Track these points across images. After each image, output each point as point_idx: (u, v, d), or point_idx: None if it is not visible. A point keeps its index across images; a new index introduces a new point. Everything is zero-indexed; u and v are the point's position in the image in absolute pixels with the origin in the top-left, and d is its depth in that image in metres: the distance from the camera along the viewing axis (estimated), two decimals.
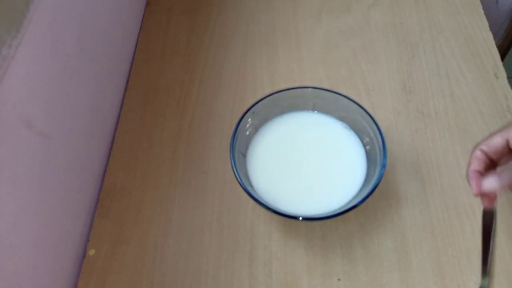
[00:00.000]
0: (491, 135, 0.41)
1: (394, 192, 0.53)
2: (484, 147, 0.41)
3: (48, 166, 0.46)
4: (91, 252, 0.51)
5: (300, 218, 0.44)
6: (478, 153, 0.41)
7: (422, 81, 0.62)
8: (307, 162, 0.51)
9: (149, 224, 0.53)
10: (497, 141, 0.40)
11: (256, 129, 0.54)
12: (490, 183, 0.39)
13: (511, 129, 0.39)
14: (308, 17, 0.71)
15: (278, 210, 0.44)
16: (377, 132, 0.48)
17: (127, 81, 0.66)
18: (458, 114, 0.58)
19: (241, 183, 0.46)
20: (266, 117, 0.54)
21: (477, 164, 0.41)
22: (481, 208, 0.50)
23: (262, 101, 0.51)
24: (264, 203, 0.45)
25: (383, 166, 0.46)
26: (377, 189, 0.45)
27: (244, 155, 0.52)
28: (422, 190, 0.53)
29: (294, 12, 0.72)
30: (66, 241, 0.49)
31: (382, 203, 0.52)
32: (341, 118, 0.54)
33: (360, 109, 0.50)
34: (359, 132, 0.52)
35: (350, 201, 0.47)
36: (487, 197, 0.42)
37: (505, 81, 0.61)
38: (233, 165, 0.47)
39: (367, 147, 0.51)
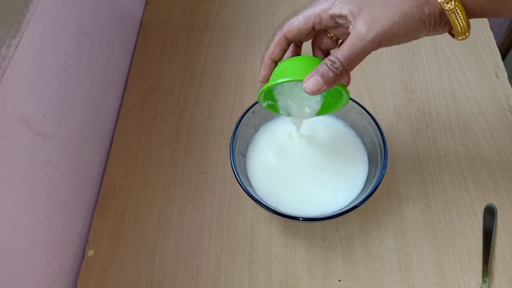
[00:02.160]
0: (295, 18, 0.38)
1: (395, 192, 0.53)
2: (286, 33, 0.38)
3: (47, 166, 0.46)
4: (90, 252, 0.51)
5: (300, 219, 0.44)
6: (277, 38, 0.39)
7: (423, 81, 0.62)
8: (307, 163, 0.51)
9: (148, 225, 0.52)
10: (303, 23, 0.37)
11: (256, 129, 0.53)
12: (311, 84, 0.35)
13: (313, 12, 0.36)
14: None
15: (278, 211, 0.44)
16: (378, 132, 0.48)
17: (126, 81, 0.66)
18: (459, 114, 0.58)
19: (241, 183, 0.46)
20: (266, 117, 0.54)
21: (275, 50, 0.39)
22: (483, 209, 0.50)
23: None
24: (264, 203, 0.45)
25: (384, 166, 0.45)
26: (378, 190, 0.44)
27: (244, 155, 0.52)
28: (423, 190, 0.52)
29: (294, 12, 0.72)
30: (65, 241, 0.49)
31: (383, 203, 0.52)
32: (342, 118, 0.53)
33: (361, 109, 0.50)
34: (360, 132, 0.52)
35: (351, 201, 0.47)
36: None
37: (506, 80, 0.61)
38: (232, 165, 0.47)
39: (368, 147, 0.51)
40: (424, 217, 0.51)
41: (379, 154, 0.48)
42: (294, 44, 0.41)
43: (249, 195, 0.45)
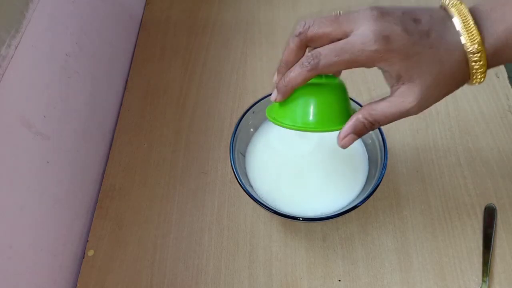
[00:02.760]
0: (320, 23, 0.35)
1: (395, 192, 0.53)
2: (322, 68, 0.34)
3: (47, 166, 0.46)
4: (90, 252, 0.51)
5: (300, 219, 0.44)
6: (309, 74, 0.34)
7: None
8: (307, 162, 0.51)
9: (148, 225, 0.52)
10: (339, 67, 0.34)
11: (256, 128, 0.53)
12: (347, 142, 0.36)
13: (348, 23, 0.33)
14: (309, 17, 0.71)
15: (278, 211, 0.44)
16: (378, 132, 0.48)
17: (126, 81, 0.66)
18: (459, 114, 0.58)
19: (241, 183, 0.46)
20: (266, 117, 0.54)
21: (292, 56, 0.36)
22: (483, 209, 0.50)
23: (262, 101, 0.51)
24: (264, 203, 0.45)
25: (384, 166, 0.45)
26: (378, 190, 0.44)
27: (244, 155, 0.52)
28: (423, 190, 0.52)
29: (294, 12, 0.72)
30: (65, 241, 0.49)
31: (383, 203, 0.52)
32: None
33: None
34: None
35: (351, 201, 0.47)
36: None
37: (506, 81, 0.61)
38: (232, 165, 0.47)
39: (368, 147, 0.51)
40: (424, 217, 0.51)
41: (379, 154, 0.48)
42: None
43: (249, 195, 0.45)
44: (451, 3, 0.33)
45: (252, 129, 0.53)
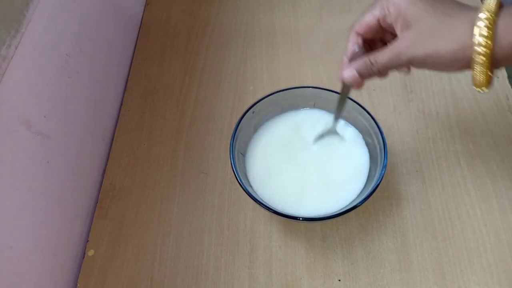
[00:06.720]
0: (364, 16, 0.41)
1: (395, 192, 0.53)
2: (358, 28, 0.41)
3: (47, 166, 0.46)
4: (91, 252, 0.51)
5: (300, 219, 0.44)
6: (352, 36, 0.42)
7: (423, 81, 0.62)
8: (307, 162, 0.51)
9: (149, 225, 0.52)
10: (369, 20, 0.40)
11: (256, 129, 0.53)
12: (347, 74, 0.40)
13: (377, 7, 0.39)
14: (308, 17, 0.71)
15: (278, 211, 0.44)
16: (378, 132, 0.48)
17: (126, 81, 0.66)
18: (459, 114, 0.58)
19: (241, 183, 0.46)
20: (266, 116, 0.54)
21: (352, 48, 0.42)
22: (482, 209, 0.50)
23: (262, 101, 0.51)
24: (264, 203, 0.45)
25: (384, 166, 0.45)
26: (378, 189, 0.44)
27: (244, 155, 0.52)
28: (423, 190, 0.52)
29: (294, 12, 0.72)
30: (65, 241, 0.49)
31: (383, 203, 0.52)
32: (342, 118, 0.53)
33: (361, 109, 0.50)
34: (360, 132, 0.52)
35: (351, 201, 0.47)
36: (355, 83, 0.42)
37: (506, 81, 0.61)
38: (232, 165, 0.47)
39: (368, 147, 0.51)
40: (424, 217, 0.51)
41: (379, 154, 0.48)
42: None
43: (249, 195, 0.45)
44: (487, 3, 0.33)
45: (252, 129, 0.53)
